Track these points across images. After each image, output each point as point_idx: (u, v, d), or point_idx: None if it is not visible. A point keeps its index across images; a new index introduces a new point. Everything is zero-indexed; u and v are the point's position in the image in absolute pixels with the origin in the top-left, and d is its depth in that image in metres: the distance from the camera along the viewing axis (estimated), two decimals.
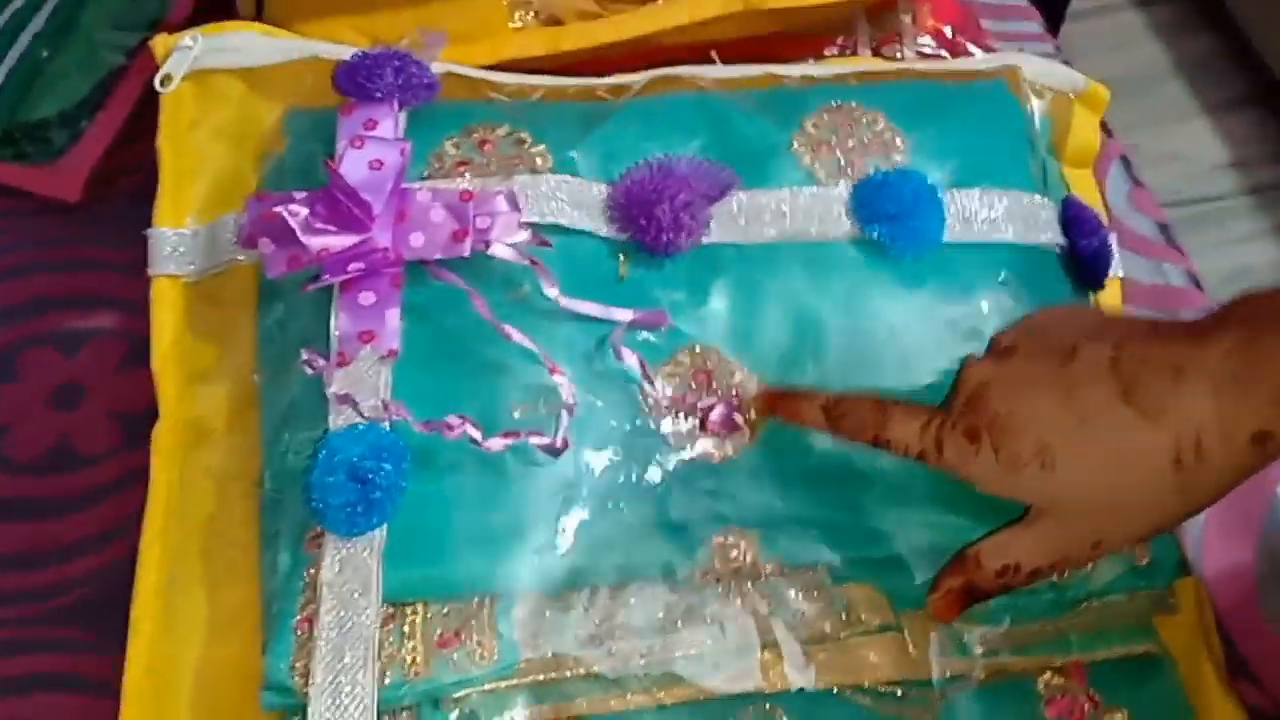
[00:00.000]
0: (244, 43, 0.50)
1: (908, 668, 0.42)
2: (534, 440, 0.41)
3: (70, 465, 0.55)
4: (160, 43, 0.50)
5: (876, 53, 0.69)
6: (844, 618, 0.42)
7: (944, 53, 0.70)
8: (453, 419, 0.40)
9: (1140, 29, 1.65)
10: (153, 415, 0.47)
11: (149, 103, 0.65)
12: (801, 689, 0.41)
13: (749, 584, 0.42)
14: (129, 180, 0.63)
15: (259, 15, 0.58)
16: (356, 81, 0.47)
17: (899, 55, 0.68)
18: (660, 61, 0.62)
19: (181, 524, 0.43)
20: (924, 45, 0.69)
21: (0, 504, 0.54)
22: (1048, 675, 0.43)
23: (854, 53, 0.68)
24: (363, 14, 0.57)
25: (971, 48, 0.70)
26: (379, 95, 0.47)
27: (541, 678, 0.39)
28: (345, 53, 0.49)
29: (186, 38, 0.50)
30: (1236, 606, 0.52)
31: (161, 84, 0.49)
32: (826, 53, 0.68)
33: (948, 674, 0.42)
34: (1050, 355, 0.39)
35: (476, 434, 0.40)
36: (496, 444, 0.40)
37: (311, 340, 0.44)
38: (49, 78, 0.63)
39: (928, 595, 0.41)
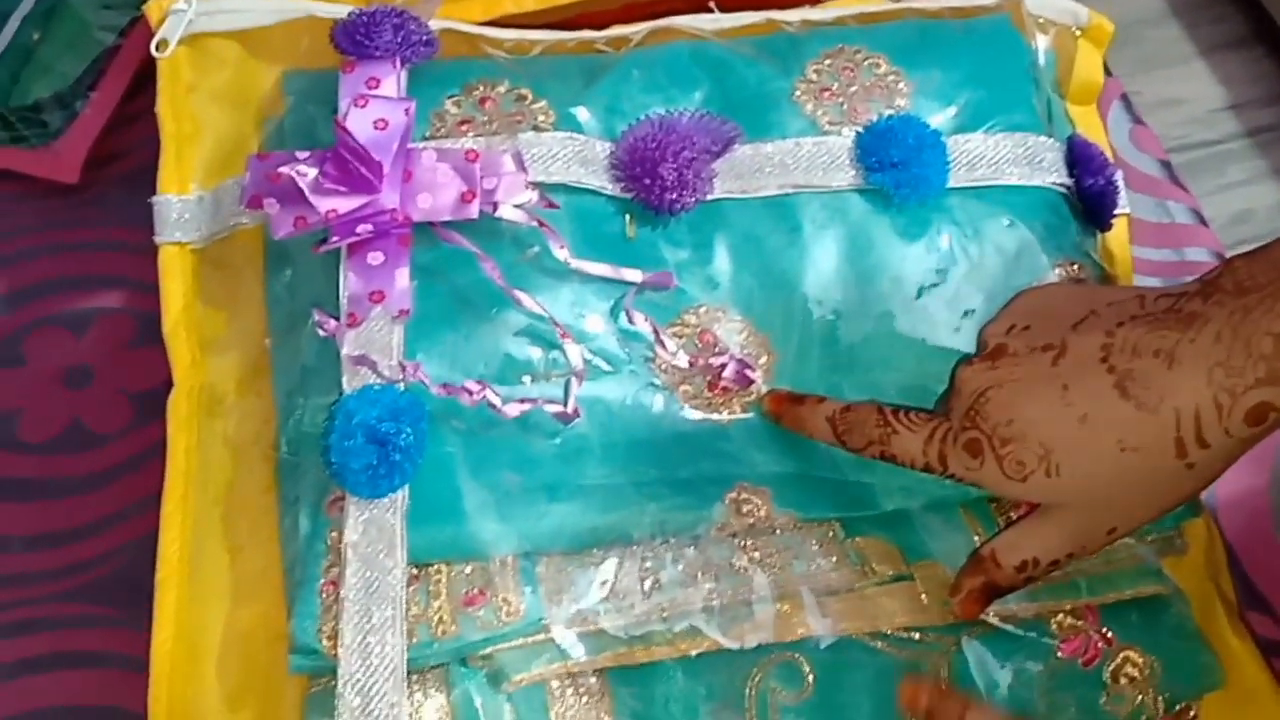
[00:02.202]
0: (238, 4, 0.49)
1: (922, 614, 0.43)
2: (548, 408, 0.41)
3: (84, 444, 0.55)
4: (154, 7, 0.50)
5: None
6: (858, 569, 0.43)
7: None
8: (471, 384, 0.40)
9: None
10: (163, 391, 0.47)
11: (144, 81, 0.65)
12: (821, 637, 0.41)
13: (764, 538, 0.43)
14: (128, 159, 0.63)
15: None
16: (355, 39, 0.46)
17: None
18: (653, 10, 0.61)
19: (201, 491, 0.43)
20: None
21: (16, 485, 0.54)
22: (1060, 616, 0.44)
23: None
24: None
25: None
26: (378, 53, 0.46)
27: (572, 631, 0.40)
28: (341, 11, 0.48)
29: (180, 1, 0.49)
30: (1250, 533, 0.53)
31: (157, 49, 0.49)
32: None
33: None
34: (1041, 354, 0.38)
35: (496, 400, 0.40)
36: (513, 410, 0.41)
37: (321, 301, 0.44)
38: (41, 60, 0.63)
39: (949, 595, 0.41)
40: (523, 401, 0.41)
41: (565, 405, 0.41)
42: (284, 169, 0.42)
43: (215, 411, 0.45)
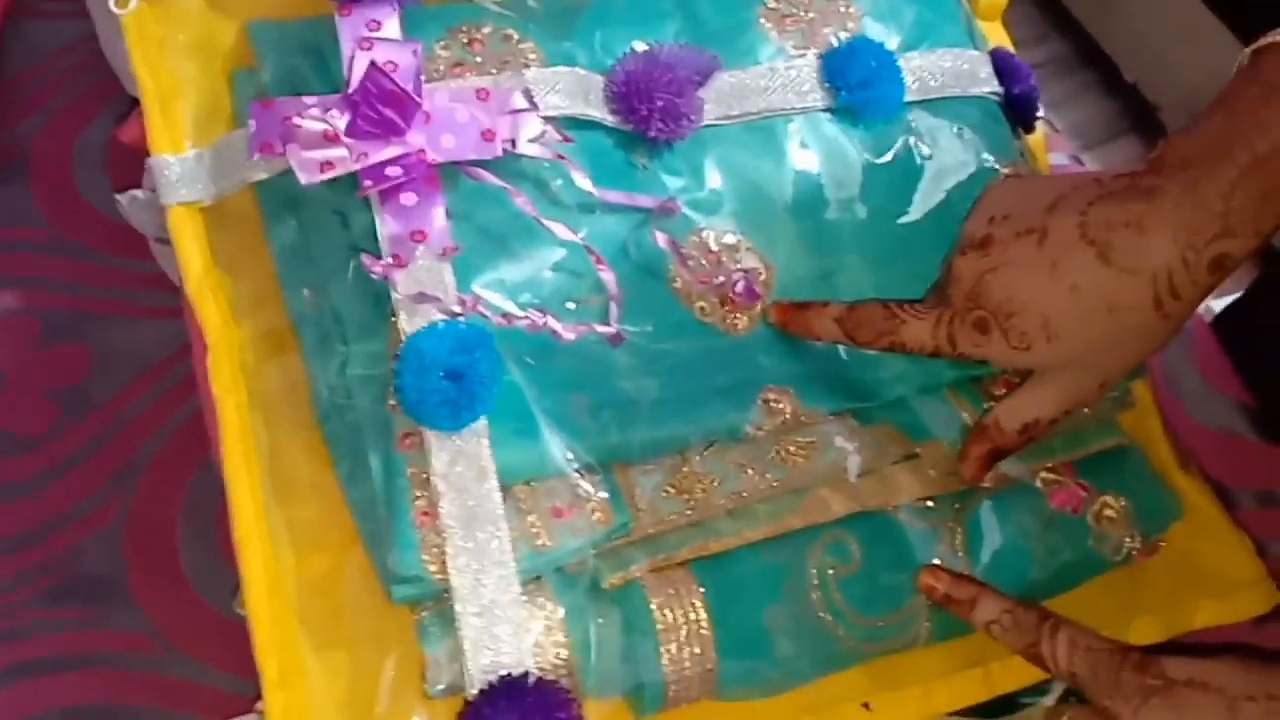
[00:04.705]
0: None
1: (931, 486, 0.48)
2: (600, 329, 0.43)
3: (13, 450, 0.54)
4: None
5: None
6: (875, 452, 0.47)
7: None
8: (533, 313, 0.42)
9: None
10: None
11: None
12: (856, 513, 0.46)
13: (797, 433, 0.46)
14: None
15: None
16: None
17: None
18: None
19: (255, 448, 0.43)
20: None
21: None
22: (1044, 474, 0.49)
23: None
24: None
25: None
26: None
27: (651, 532, 0.42)
28: None
29: None
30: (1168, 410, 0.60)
31: (116, 4, 0.47)
32: None
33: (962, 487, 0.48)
34: (1026, 237, 0.43)
35: (557, 326, 0.42)
36: (569, 334, 0.42)
37: (337, 249, 0.44)
38: None
39: (959, 461, 0.46)
40: (578, 325, 0.43)
41: (613, 328, 0.44)
42: (304, 117, 0.42)
43: (244, 370, 0.44)
